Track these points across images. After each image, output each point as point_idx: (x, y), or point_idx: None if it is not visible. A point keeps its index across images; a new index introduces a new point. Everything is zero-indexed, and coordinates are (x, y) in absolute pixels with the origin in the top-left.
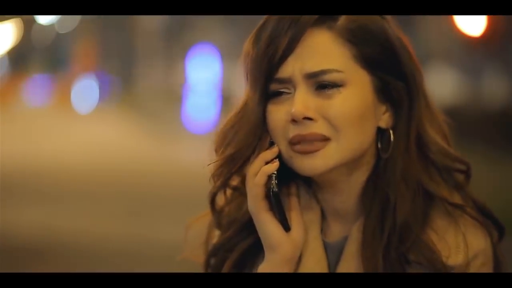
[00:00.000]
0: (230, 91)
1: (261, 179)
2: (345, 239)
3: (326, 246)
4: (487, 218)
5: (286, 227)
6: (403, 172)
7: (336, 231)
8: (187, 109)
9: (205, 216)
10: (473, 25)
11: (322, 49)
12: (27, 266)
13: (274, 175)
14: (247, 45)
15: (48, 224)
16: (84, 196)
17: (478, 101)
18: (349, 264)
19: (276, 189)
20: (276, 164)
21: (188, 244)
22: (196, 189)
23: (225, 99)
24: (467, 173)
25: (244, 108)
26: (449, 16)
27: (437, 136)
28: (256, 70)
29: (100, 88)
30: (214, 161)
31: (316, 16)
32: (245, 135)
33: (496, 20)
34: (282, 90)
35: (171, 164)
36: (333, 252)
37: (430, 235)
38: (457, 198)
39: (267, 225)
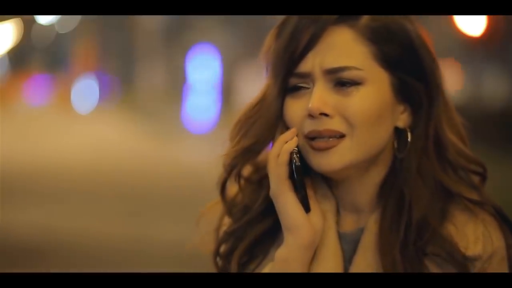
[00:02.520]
0: (230, 91)
1: (284, 157)
2: (360, 230)
3: (340, 236)
4: (504, 221)
5: (307, 206)
6: (419, 170)
7: (350, 221)
8: (187, 109)
9: (217, 204)
10: (473, 25)
11: (343, 46)
12: (27, 266)
13: (295, 150)
14: (268, 39)
15: (48, 224)
16: (84, 196)
17: (478, 101)
18: (366, 255)
19: (299, 163)
20: (295, 140)
21: (199, 233)
22: (196, 189)
23: (225, 99)
24: (482, 175)
25: (263, 101)
26: (449, 16)
27: (454, 138)
28: (277, 64)
29: (100, 88)
30: (228, 151)
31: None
32: (262, 128)
33: (496, 20)
34: (301, 84)
35: (171, 164)
36: (348, 242)
37: (449, 228)
38: (475, 197)
39: (288, 206)
